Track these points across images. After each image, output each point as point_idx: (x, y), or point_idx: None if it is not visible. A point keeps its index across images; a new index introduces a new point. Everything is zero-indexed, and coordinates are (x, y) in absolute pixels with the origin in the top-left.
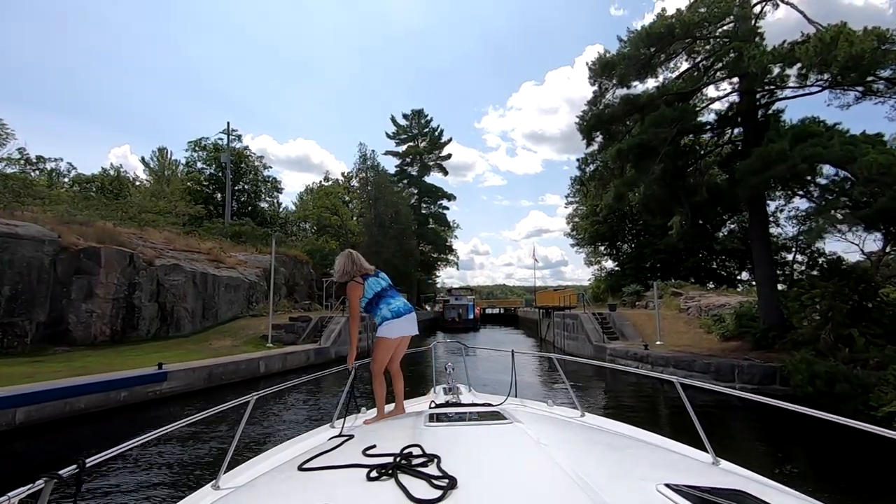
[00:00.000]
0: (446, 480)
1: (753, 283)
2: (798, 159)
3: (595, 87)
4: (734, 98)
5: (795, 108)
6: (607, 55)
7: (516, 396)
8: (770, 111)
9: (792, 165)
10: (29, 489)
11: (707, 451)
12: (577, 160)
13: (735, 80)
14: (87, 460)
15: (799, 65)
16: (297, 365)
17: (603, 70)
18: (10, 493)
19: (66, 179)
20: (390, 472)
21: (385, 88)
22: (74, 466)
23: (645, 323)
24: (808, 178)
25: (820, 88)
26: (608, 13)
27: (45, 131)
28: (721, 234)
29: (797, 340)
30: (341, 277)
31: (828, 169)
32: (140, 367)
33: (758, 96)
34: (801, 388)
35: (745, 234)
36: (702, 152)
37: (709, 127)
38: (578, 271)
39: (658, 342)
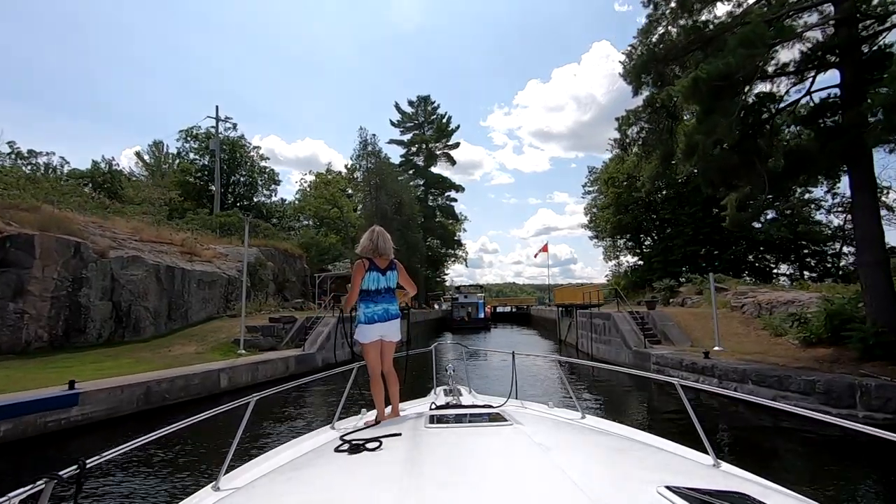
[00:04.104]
0: (446, 482)
1: (794, 278)
2: None
3: (650, 9)
4: (816, 35)
5: None
6: None
7: (517, 398)
8: (876, 46)
9: None
10: (29, 490)
11: (708, 454)
12: (617, 119)
13: (827, 7)
14: (88, 461)
15: None
16: (272, 376)
17: None
18: (10, 494)
19: (61, 174)
20: (391, 473)
21: (391, 87)
22: (75, 467)
23: (690, 323)
24: None
25: None
26: (612, 9)
27: (59, 132)
28: (764, 221)
29: None
30: (360, 252)
31: None
32: (56, 385)
33: (860, 27)
34: None
35: (792, 221)
36: (774, 108)
37: (792, 70)
38: (588, 269)
39: (717, 347)
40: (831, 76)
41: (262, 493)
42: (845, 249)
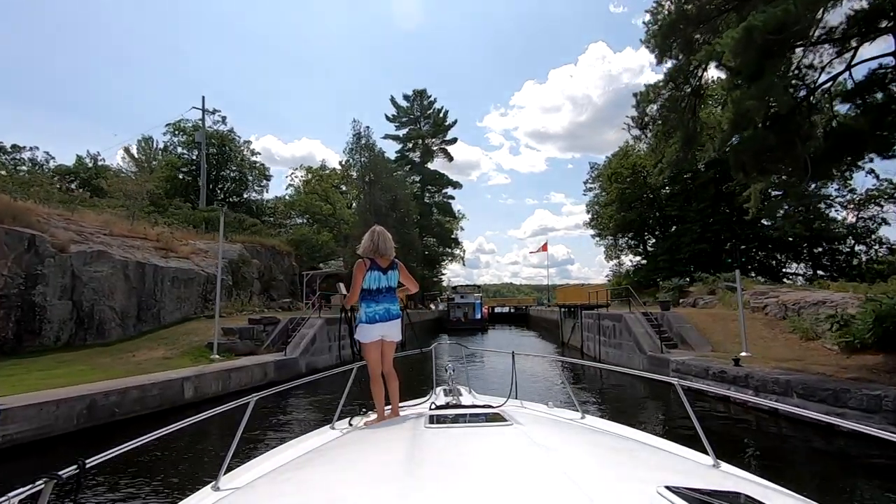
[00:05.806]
0: (446, 482)
1: (808, 277)
2: None
3: None
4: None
5: None
6: None
7: (517, 398)
8: None
9: None
10: (29, 489)
11: (707, 454)
12: (635, 95)
13: None
14: (88, 461)
15: None
16: (247, 384)
17: None
18: (9, 494)
19: (46, 170)
20: (391, 473)
21: (388, 87)
22: (75, 467)
23: (708, 325)
24: None
25: None
26: (608, 10)
27: (58, 132)
28: (776, 219)
29: None
30: (361, 252)
31: None
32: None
33: None
34: None
35: (808, 218)
36: (813, 83)
37: (838, 36)
38: (585, 269)
39: (744, 353)
40: (877, 47)
41: (262, 493)
42: (857, 248)
